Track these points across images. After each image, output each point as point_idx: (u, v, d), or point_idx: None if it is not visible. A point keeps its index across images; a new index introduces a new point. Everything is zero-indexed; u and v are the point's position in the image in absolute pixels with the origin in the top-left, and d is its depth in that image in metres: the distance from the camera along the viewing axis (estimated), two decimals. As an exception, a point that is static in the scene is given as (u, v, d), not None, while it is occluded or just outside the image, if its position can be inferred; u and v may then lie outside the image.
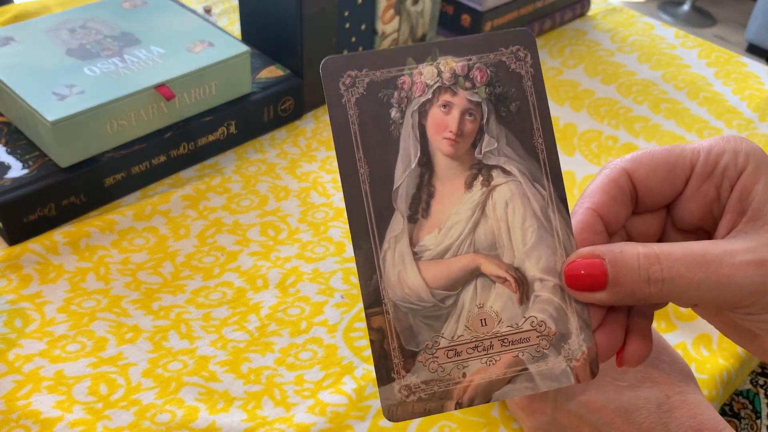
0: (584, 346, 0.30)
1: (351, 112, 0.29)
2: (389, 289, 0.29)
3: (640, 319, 0.31)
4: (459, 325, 0.29)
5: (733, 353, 0.51)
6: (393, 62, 0.30)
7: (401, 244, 0.29)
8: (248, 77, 0.64)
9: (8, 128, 0.58)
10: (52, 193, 0.54)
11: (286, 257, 0.55)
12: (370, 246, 0.29)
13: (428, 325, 0.29)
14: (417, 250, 0.29)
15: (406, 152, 0.29)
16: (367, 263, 0.29)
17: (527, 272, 0.30)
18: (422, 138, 0.30)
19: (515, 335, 0.30)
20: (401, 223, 0.29)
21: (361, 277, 0.29)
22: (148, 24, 0.64)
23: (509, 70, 0.31)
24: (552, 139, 0.31)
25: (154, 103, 0.57)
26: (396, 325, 0.29)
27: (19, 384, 0.45)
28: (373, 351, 0.29)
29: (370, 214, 0.29)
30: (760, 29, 2.55)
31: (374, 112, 0.29)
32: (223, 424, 0.43)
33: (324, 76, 0.29)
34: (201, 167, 0.63)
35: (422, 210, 0.29)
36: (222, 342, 0.48)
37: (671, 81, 0.82)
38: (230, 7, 0.85)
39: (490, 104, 0.30)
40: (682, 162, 0.31)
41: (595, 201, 0.30)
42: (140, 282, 0.52)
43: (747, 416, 0.57)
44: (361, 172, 0.29)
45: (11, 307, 0.49)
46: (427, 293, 0.29)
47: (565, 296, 0.30)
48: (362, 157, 0.29)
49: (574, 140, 0.72)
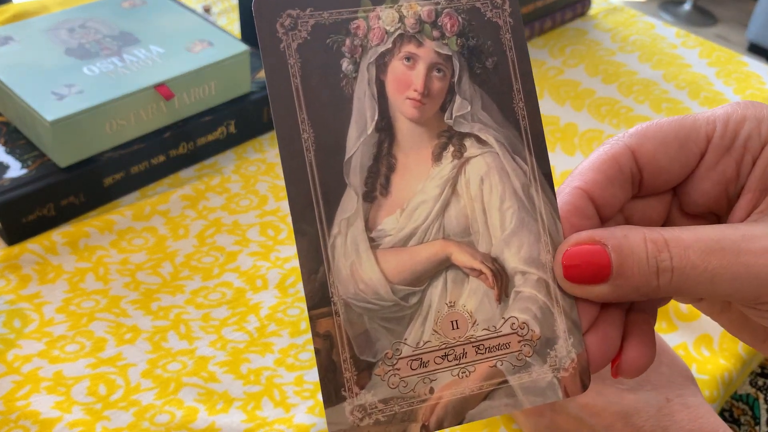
0: (573, 353, 0.25)
1: (291, 62, 0.24)
2: (339, 285, 0.24)
3: (641, 318, 0.26)
4: (425, 328, 0.24)
5: (734, 354, 0.51)
6: (344, 1, 0.25)
7: (354, 228, 0.24)
8: (248, 77, 0.64)
9: (7, 128, 0.58)
10: (51, 193, 0.53)
11: (285, 257, 0.55)
12: (316, 230, 0.24)
13: (388, 329, 0.24)
14: (374, 236, 0.24)
15: (361, 114, 0.24)
16: (312, 252, 0.23)
17: (507, 263, 0.25)
18: (380, 97, 0.25)
19: (493, 340, 0.25)
20: (354, 202, 0.24)
21: (303, 269, 0.23)
22: (148, 23, 0.64)
23: (485, 18, 0.26)
24: (535, 102, 0.26)
25: (153, 103, 0.57)
26: (348, 330, 0.24)
27: (18, 384, 0.44)
28: (319, 363, 0.23)
29: (316, 191, 0.24)
30: (761, 29, 2.55)
31: (321, 62, 0.24)
32: (222, 425, 0.43)
33: (257, 15, 0.24)
34: (200, 167, 0.62)
35: (380, 186, 0.24)
36: (221, 342, 0.48)
37: (672, 80, 0.81)
38: (230, 7, 0.85)
39: (462, 59, 0.25)
40: (695, 135, 0.26)
41: (586, 180, 0.26)
42: (139, 282, 0.52)
43: (746, 422, 0.57)
44: (304, 137, 0.24)
45: (10, 307, 0.49)
46: (387, 289, 0.24)
47: (551, 292, 0.25)
48: (305, 119, 0.24)
49: (575, 140, 0.71)
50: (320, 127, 0.24)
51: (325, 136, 0.24)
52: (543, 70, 0.82)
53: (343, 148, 0.24)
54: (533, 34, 0.87)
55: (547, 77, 0.80)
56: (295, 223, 0.24)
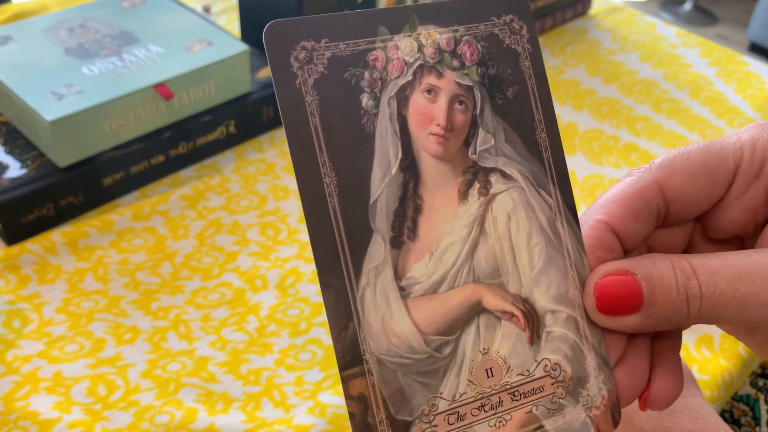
0: (604, 390, 0.25)
1: (309, 99, 0.22)
2: (371, 341, 0.22)
3: (667, 345, 0.26)
4: (461, 379, 0.23)
5: (735, 354, 0.51)
6: (360, 31, 0.23)
7: (383, 278, 0.23)
8: (247, 76, 0.64)
9: (6, 128, 0.58)
10: (51, 193, 0.53)
11: (285, 257, 0.55)
12: (343, 282, 0.22)
13: (423, 383, 0.23)
14: (404, 285, 0.23)
15: (384, 152, 0.23)
16: (340, 307, 0.22)
17: (537, 303, 0.24)
18: (403, 134, 0.23)
19: (527, 385, 0.24)
20: (382, 249, 0.23)
21: (332, 326, 0.22)
22: (147, 23, 0.64)
23: (503, 45, 0.25)
24: (556, 133, 0.25)
25: (152, 103, 0.57)
26: (383, 389, 0.22)
27: (18, 385, 0.44)
28: (354, 427, 0.22)
29: (341, 239, 0.22)
30: (761, 28, 2.55)
31: (340, 98, 0.23)
32: (222, 426, 0.43)
33: (269, 47, 0.22)
34: (200, 167, 0.62)
35: (408, 230, 0.23)
36: (221, 343, 0.48)
37: (673, 80, 0.81)
38: (229, 6, 0.84)
39: (483, 89, 0.24)
40: (723, 164, 0.25)
41: (610, 213, 0.25)
42: (139, 282, 0.52)
43: (747, 423, 0.57)
44: (326, 181, 0.22)
45: (9, 307, 0.49)
46: (420, 341, 0.23)
47: (580, 330, 0.25)
48: (327, 161, 0.22)
49: (576, 140, 0.71)
50: (343, 169, 0.22)
51: (349, 179, 0.22)
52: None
53: (367, 190, 0.23)
54: (533, 33, 0.87)
55: (548, 77, 0.80)
56: (321, 276, 0.22)
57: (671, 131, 0.73)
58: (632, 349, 0.25)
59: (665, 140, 0.72)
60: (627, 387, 0.25)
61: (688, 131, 0.73)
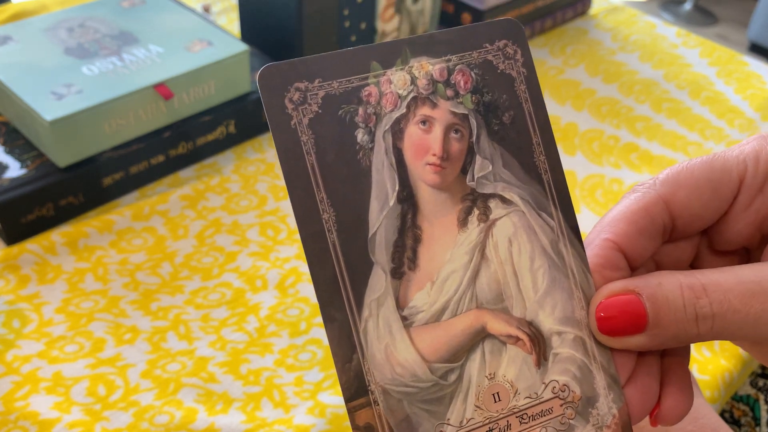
0: (614, 409, 0.25)
1: (304, 138, 0.23)
2: (375, 371, 0.23)
3: (676, 361, 0.26)
4: (467, 405, 0.24)
5: (735, 354, 0.51)
6: (353, 68, 0.24)
7: (386, 309, 0.23)
8: (247, 76, 0.64)
9: (6, 128, 0.58)
10: (50, 193, 0.53)
11: (285, 258, 0.55)
12: (345, 315, 0.23)
13: (429, 411, 0.23)
14: (406, 314, 0.23)
15: (381, 186, 0.23)
16: (344, 339, 0.22)
17: (542, 325, 0.25)
18: (399, 166, 0.24)
19: (535, 407, 0.24)
20: (383, 281, 0.23)
21: (336, 359, 0.22)
22: (147, 23, 0.64)
23: (497, 71, 0.25)
24: (556, 154, 0.25)
25: (152, 103, 0.57)
26: (389, 419, 0.23)
27: (17, 385, 0.44)
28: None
29: (342, 273, 0.23)
30: (762, 28, 2.55)
31: (335, 135, 0.23)
32: (222, 426, 0.43)
33: (263, 91, 0.23)
34: (200, 167, 0.62)
35: (408, 260, 0.24)
36: (221, 343, 0.48)
37: (673, 80, 0.81)
38: (229, 6, 0.84)
39: (478, 116, 0.25)
40: (727, 177, 0.26)
41: (616, 232, 0.25)
42: (139, 282, 0.52)
43: (747, 423, 0.57)
44: (324, 218, 0.23)
45: (9, 307, 0.49)
46: (425, 369, 0.23)
47: (588, 350, 0.25)
48: (324, 198, 0.23)
49: (576, 140, 0.71)
50: (341, 205, 0.23)
51: (347, 214, 0.23)
52: (543, 69, 0.81)
53: (365, 224, 0.23)
54: (534, 33, 0.87)
55: (548, 77, 0.80)
56: (323, 309, 0.22)
57: (671, 131, 0.73)
58: (642, 367, 0.25)
59: (665, 140, 0.72)
60: (638, 405, 0.25)
61: (689, 131, 0.73)
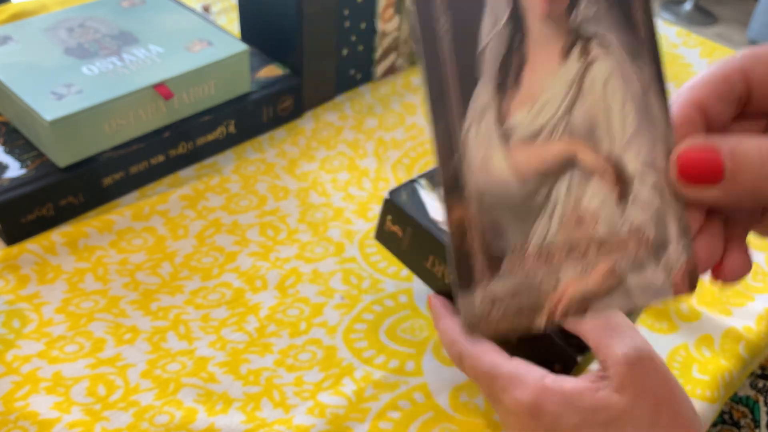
0: (684, 256, 0.26)
1: None
2: (472, 176, 0.24)
3: (736, 232, 0.28)
4: (552, 224, 0.25)
5: (735, 354, 0.51)
6: None
7: (487, 120, 0.25)
8: (247, 76, 0.64)
9: (6, 128, 0.58)
10: (50, 193, 0.53)
11: (285, 258, 0.55)
12: (452, 119, 0.24)
13: (516, 222, 0.25)
14: (506, 129, 0.25)
15: (495, 5, 0.25)
16: (446, 140, 0.24)
17: (627, 166, 0.26)
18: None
19: (613, 240, 0.26)
20: (488, 93, 0.25)
21: (439, 155, 0.24)
22: (147, 23, 0.64)
23: None
24: (651, 12, 0.26)
25: (152, 103, 0.57)
26: (480, 219, 0.25)
27: (17, 385, 0.44)
28: (453, 247, 0.24)
29: (452, 79, 0.24)
30: (762, 28, 2.55)
31: None
32: (222, 426, 0.43)
33: None
34: (200, 167, 0.62)
35: (512, 78, 0.25)
36: (221, 343, 0.48)
37: (673, 80, 0.81)
38: (229, 6, 0.84)
39: None
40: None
41: (699, 94, 0.27)
42: (138, 282, 0.52)
43: (746, 425, 0.57)
44: (441, 21, 0.24)
45: (9, 307, 0.49)
46: (517, 183, 0.25)
47: (665, 198, 0.26)
48: (442, 3, 0.24)
49: (575, 140, 0.71)
50: (457, 13, 0.24)
51: (461, 25, 0.24)
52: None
53: (477, 37, 0.24)
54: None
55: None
56: (432, 111, 0.24)
57: (671, 131, 0.73)
58: (708, 227, 0.27)
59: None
60: (705, 256, 0.27)
61: (688, 131, 0.73)
